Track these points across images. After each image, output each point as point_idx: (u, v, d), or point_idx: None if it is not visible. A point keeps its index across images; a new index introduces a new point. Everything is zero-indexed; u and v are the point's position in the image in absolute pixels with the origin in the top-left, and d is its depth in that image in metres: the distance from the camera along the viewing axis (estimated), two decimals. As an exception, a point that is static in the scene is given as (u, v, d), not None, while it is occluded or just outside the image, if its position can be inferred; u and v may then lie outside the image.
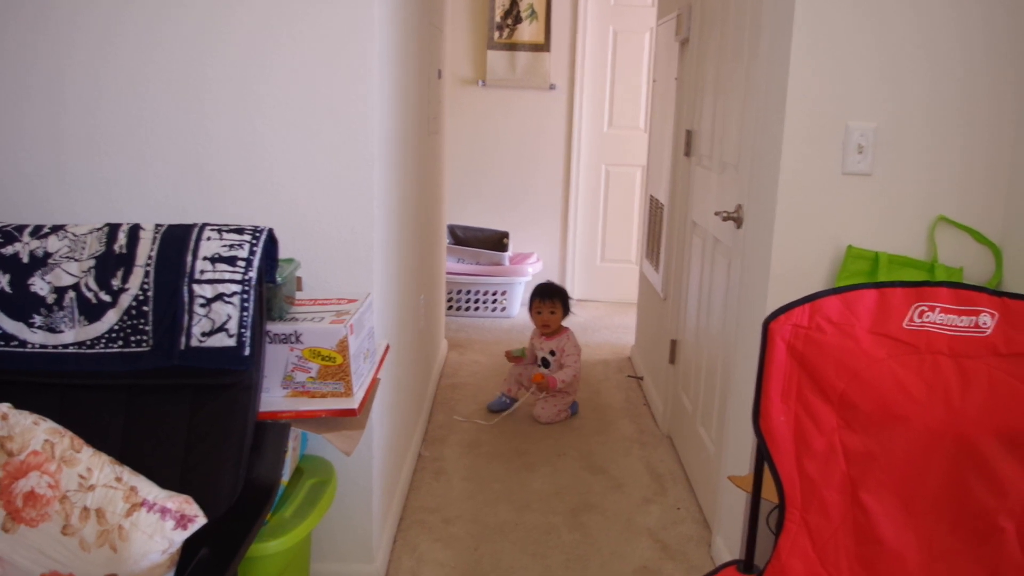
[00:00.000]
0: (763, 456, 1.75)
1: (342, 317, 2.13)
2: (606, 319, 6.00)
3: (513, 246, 6.07)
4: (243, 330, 1.90)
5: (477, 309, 5.92)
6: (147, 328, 1.91)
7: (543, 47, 5.99)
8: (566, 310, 4.35)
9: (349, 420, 2.18)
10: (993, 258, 2.42)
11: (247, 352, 1.90)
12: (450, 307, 5.85)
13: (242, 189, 2.39)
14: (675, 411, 3.91)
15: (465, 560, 2.89)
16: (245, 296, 1.91)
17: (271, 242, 2.01)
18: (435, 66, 4.03)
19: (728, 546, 2.83)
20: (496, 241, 5.94)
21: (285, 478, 2.30)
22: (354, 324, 2.13)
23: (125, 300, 1.91)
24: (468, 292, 5.88)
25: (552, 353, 4.28)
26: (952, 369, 1.69)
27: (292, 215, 2.40)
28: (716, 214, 3.02)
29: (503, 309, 5.93)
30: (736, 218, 2.87)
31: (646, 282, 4.80)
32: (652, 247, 4.59)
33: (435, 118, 4.09)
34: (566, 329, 4.34)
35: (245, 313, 1.90)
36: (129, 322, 1.91)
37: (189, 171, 2.37)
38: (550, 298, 4.32)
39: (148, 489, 1.77)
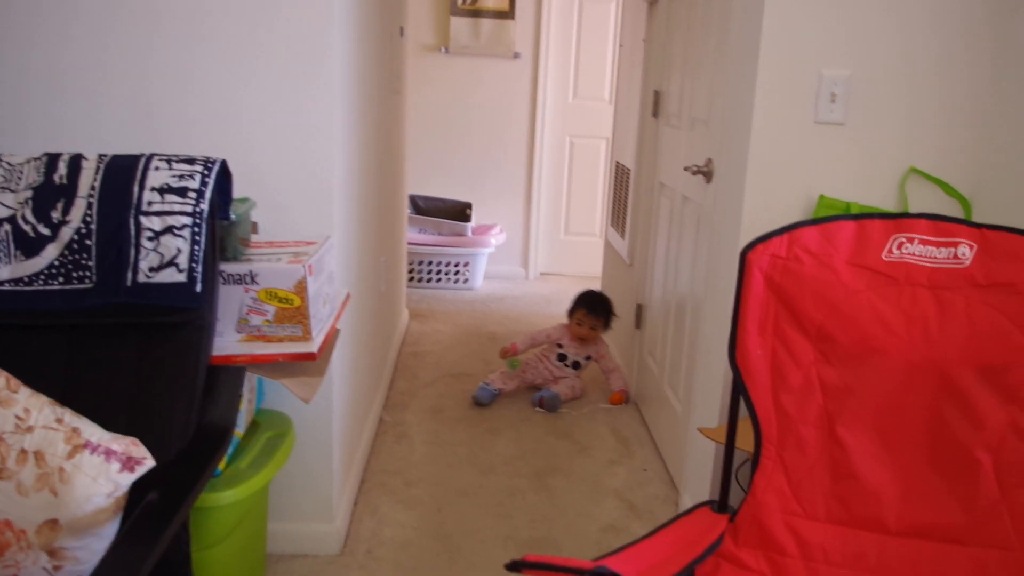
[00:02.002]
0: (739, 391, 1.68)
1: (300, 258, 2.04)
2: (570, 292, 5.86)
3: (476, 218, 5.98)
4: (194, 265, 1.80)
5: (439, 280, 5.83)
6: (90, 263, 1.80)
7: (507, 14, 5.88)
8: (607, 326, 4.12)
9: (308, 366, 2.09)
10: (963, 211, 2.38)
11: (199, 288, 1.80)
12: (411, 278, 5.75)
13: (195, 129, 2.28)
14: (641, 376, 3.85)
15: (428, 521, 2.81)
16: (196, 229, 1.81)
17: (224, 175, 1.91)
18: (396, 22, 3.93)
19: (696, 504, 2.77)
20: (459, 212, 5.84)
21: (240, 430, 2.21)
22: (313, 265, 2.04)
23: (66, 233, 1.81)
24: (430, 263, 5.78)
25: (588, 358, 4.06)
26: (931, 301, 1.63)
27: (249, 156, 2.30)
28: (685, 169, 2.95)
29: (465, 281, 5.84)
30: (706, 172, 2.81)
31: (611, 251, 4.73)
32: (618, 214, 4.52)
33: (397, 76, 3.99)
34: (599, 338, 4.13)
35: (196, 247, 1.80)
36: (70, 257, 1.80)
37: (139, 111, 2.26)
38: (595, 314, 4.06)
39: (91, 431, 1.67)
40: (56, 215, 1.80)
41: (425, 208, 5.83)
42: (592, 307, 4.07)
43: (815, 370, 1.65)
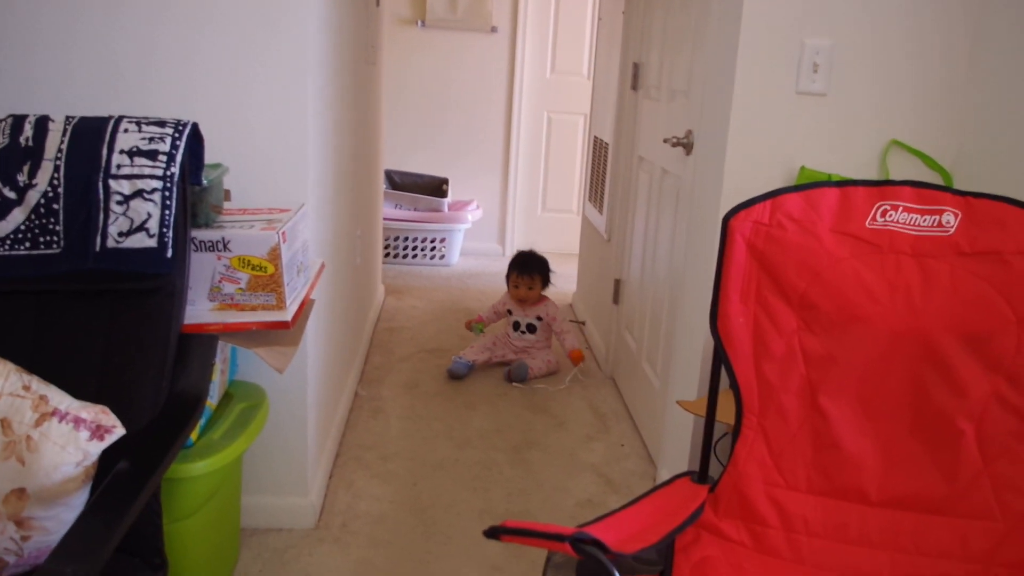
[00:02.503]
0: (720, 360, 1.66)
1: (274, 224, 2.00)
2: (547, 268, 5.90)
3: (453, 194, 5.93)
4: (164, 230, 1.75)
5: (415, 256, 5.79)
6: (58, 228, 1.76)
7: (485, -13, 5.83)
8: (545, 283, 4.09)
9: (282, 335, 2.05)
10: (943, 183, 2.37)
11: (169, 254, 1.75)
12: (387, 254, 5.71)
13: (164, 94, 2.23)
14: (618, 352, 3.83)
15: (404, 495, 2.78)
16: (167, 193, 1.76)
17: (196, 139, 1.86)
18: (373, -9, 3.87)
19: (674, 479, 2.76)
20: (435, 188, 5.79)
21: (213, 401, 2.18)
22: (287, 232, 2.00)
23: (32, 197, 1.75)
24: (406, 239, 5.73)
25: (539, 319, 4.03)
26: (914, 269, 1.61)
27: (220, 122, 2.25)
28: (665, 141, 2.93)
29: (442, 257, 5.80)
30: (686, 144, 2.79)
31: (589, 227, 4.71)
32: (596, 189, 4.49)
33: (372, 47, 3.93)
34: (545, 297, 4.11)
35: (167, 212, 1.76)
36: (37, 221, 1.75)
37: (106, 75, 2.21)
38: (528, 273, 4.03)
39: (60, 398, 1.63)
40: (22, 178, 1.75)
41: (401, 183, 5.78)
42: (523, 267, 4.05)
43: (797, 339, 1.63)
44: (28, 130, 1.78)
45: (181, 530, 1.99)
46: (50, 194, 1.75)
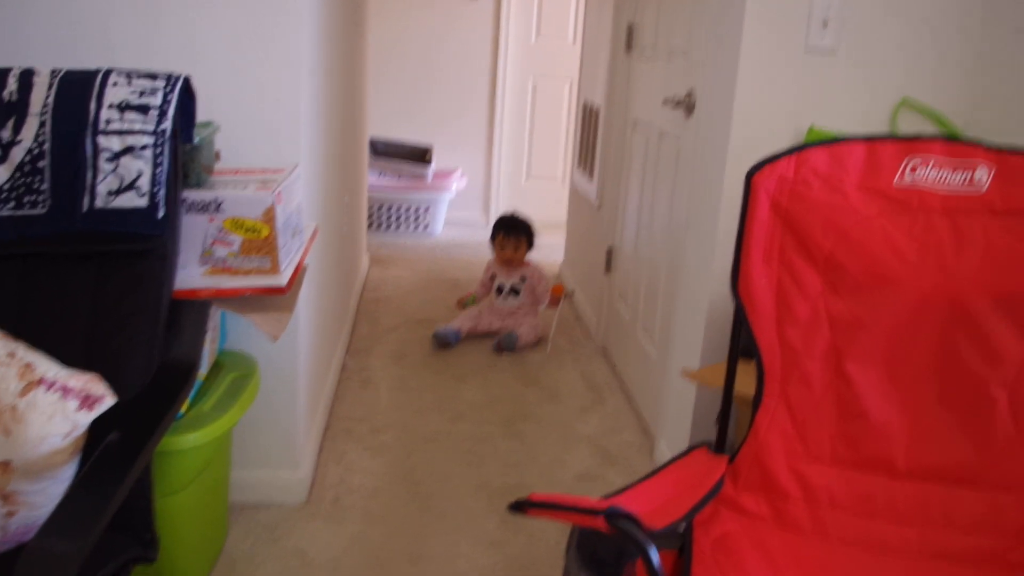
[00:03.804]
0: (741, 324, 1.58)
1: (269, 185, 1.90)
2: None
3: (437, 162, 5.82)
4: (156, 188, 1.66)
5: (399, 227, 5.69)
6: (43, 187, 1.66)
7: (470, -49, 5.71)
8: (530, 245, 4.05)
9: (276, 300, 1.96)
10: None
11: (161, 214, 1.66)
12: (370, 224, 5.60)
13: (155, 51, 2.13)
14: (610, 321, 3.76)
15: (397, 468, 2.71)
16: (159, 150, 1.66)
17: (187, 94, 1.76)
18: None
19: (672, 450, 2.69)
20: (419, 156, 5.68)
21: (203, 371, 2.09)
22: (282, 193, 1.90)
23: (17, 154, 1.65)
24: (389, 208, 5.63)
25: (523, 280, 4.00)
26: (946, 228, 1.54)
27: (211, 80, 2.14)
28: (665, 103, 2.85)
29: (426, 227, 5.71)
30: (687, 104, 2.71)
31: (577, 195, 4.62)
32: (585, 156, 4.41)
33: (359, 7, 3.82)
34: (528, 260, 4.07)
35: (159, 169, 1.66)
36: (22, 180, 1.65)
37: (96, 33, 2.10)
38: (515, 234, 4.00)
39: (47, 366, 1.53)
40: (6, 134, 1.65)
41: (385, 152, 5.66)
42: (509, 228, 4.02)
43: (823, 301, 1.56)
44: (12, 84, 1.67)
45: (171, 506, 1.91)
46: (35, 151, 1.65)
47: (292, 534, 2.33)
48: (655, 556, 1.06)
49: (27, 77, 1.69)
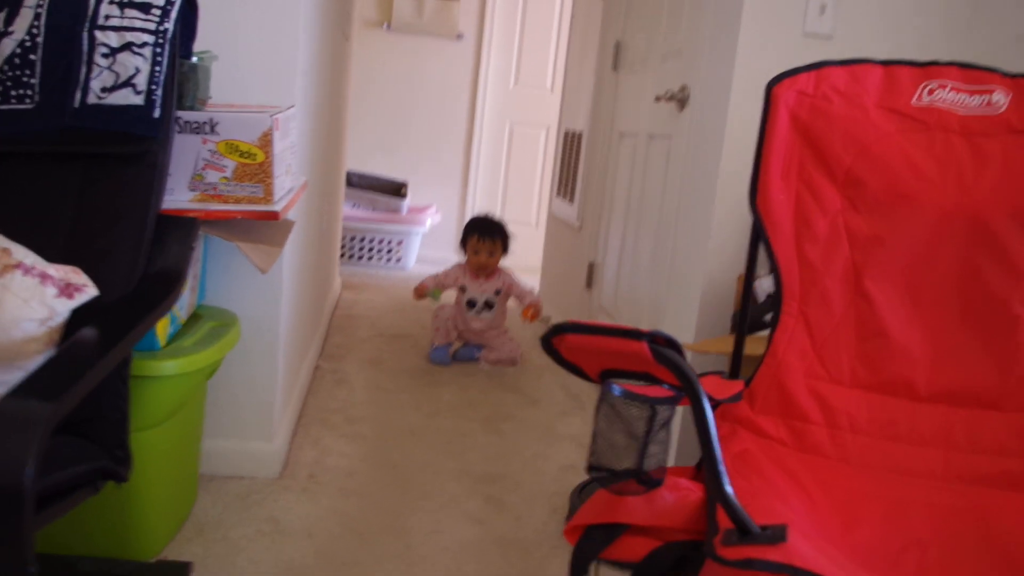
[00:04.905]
0: (759, 239, 1.53)
1: (266, 110, 1.84)
2: (505, 279, 5.76)
3: (412, 199, 5.76)
4: (154, 87, 1.59)
5: (371, 259, 5.61)
6: (32, 81, 1.58)
7: (453, -9, 5.75)
8: (505, 249, 3.71)
9: (268, 231, 1.89)
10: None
11: (157, 114, 1.59)
12: (343, 255, 5.51)
13: None
14: (590, 338, 3.68)
15: (374, 454, 2.59)
16: (159, 50, 1.60)
17: (190, 4, 1.70)
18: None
19: (660, 446, 2.61)
20: (394, 191, 5.63)
21: (182, 314, 1.99)
22: (280, 120, 1.84)
23: (7, 46, 1.58)
24: (363, 240, 5.56)
25: (497, 293, 3.67)
26: (965, 147, 1.50)
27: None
28: (657, 99, 2.83)
29: (398, 260, 5.63)
30: (680, 98, 2.69)
31: (556, 223, 4.59)
32: (566, 182, 4.38)
33: (347, 21, 3.80)
34: (500, 268, 3.74)
35: (157, 69, 1.59)
36: (10, 73, 1.58)
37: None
38: (490, 236, 3.65)
39: (25, 254, 1.44)
40: (-3, 24, 1.58)
41: (360, 184, 5.59)
42: (484, 230, 3.68)
43: (842, 218, 1.51)
44: (6, -28, 1.61)
45: (145, 441, 1.79)
46: (27, 43, 1.59)
47: (264, 504, 2.21)
48: (701, 390, 0.99)
49: (23, -32, 1.63)
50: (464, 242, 3.72)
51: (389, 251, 5.59)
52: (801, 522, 1.18)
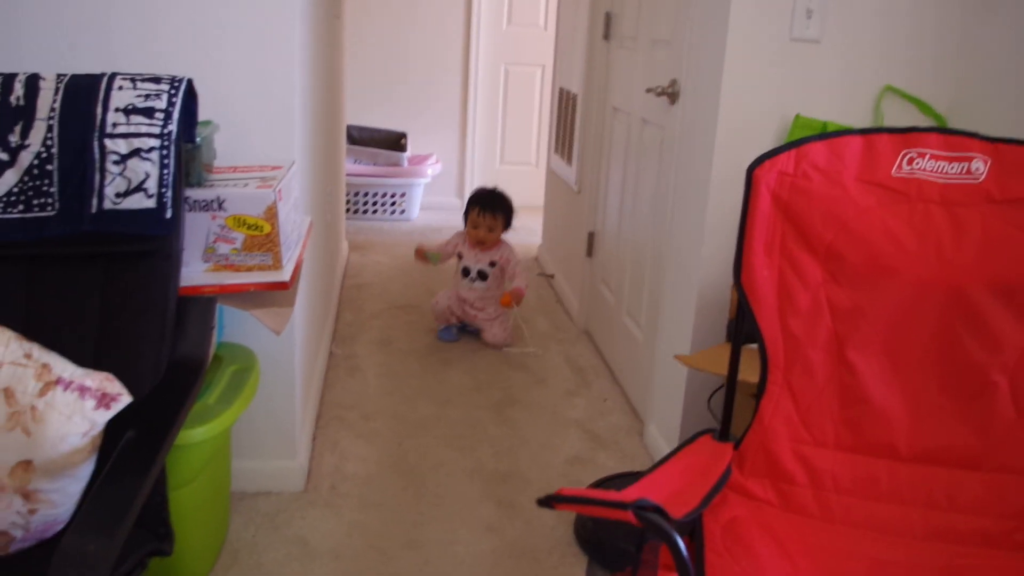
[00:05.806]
0: (744, 314, 1.63)
1: (269, 182, 1.92)
2: (507, 222, 5.85)
3: (412, 148, 5.82)
4: (164, 190, 1.67)
5: (375, 212, 5.70)
6: (52, 190, 1.67)
7: (442, -64, 5.70)
8: (507, 225, 3.72)
9: (278, 296, 1.98)
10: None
11: (169, 214, 1.68)
12: (348, 210, 5.60)
13: (149, 49, 2.13)
14: (593, 305, 3.81)
15: (390, 455, 2.74)
16: (165, 152, 1.68)
17: (190, 95, 1.77)
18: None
19: (663, 434, 2.75)
20: (394, 142, 5.68)
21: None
22: (283, 190, 1.92)
23: (25, 158, 1.66)
24: (366, 194, 5.64)
25: (492, 264, 3.68)
26: (944, 218, 1.59)
27: (208, 77, 2.15)
28: (648, 91, 2.88)
29: (402, 212, 5.72)
30: (671, 93, 2.75)
31: (555, 179, 4.66)
32: (563, 141, 4.44)
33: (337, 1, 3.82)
34: (502, 240, 3.76)
35: (165, 171, 1.67)
36: (31, 183, 1.66)
37: (96, 33, 2.10)
38: (491, 211, 3.65)
39: (63, 366, 1.55)
40: (14, 139, 1.66)
41: (360, 138, 5.66)
42: (487, 204, 3.68)
43: (824, 291, 1.61)
44: (19, 89, 1.68)
45: (180, 499, 1.92)
46: (44, 155, 1.66)
47: (292, 522, 2.36)
48: (682, 546, 1.11)
49: (33, 82, 1.70)
50: (466, 213, 3.77)
51: (393, 203, 5.68)
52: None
